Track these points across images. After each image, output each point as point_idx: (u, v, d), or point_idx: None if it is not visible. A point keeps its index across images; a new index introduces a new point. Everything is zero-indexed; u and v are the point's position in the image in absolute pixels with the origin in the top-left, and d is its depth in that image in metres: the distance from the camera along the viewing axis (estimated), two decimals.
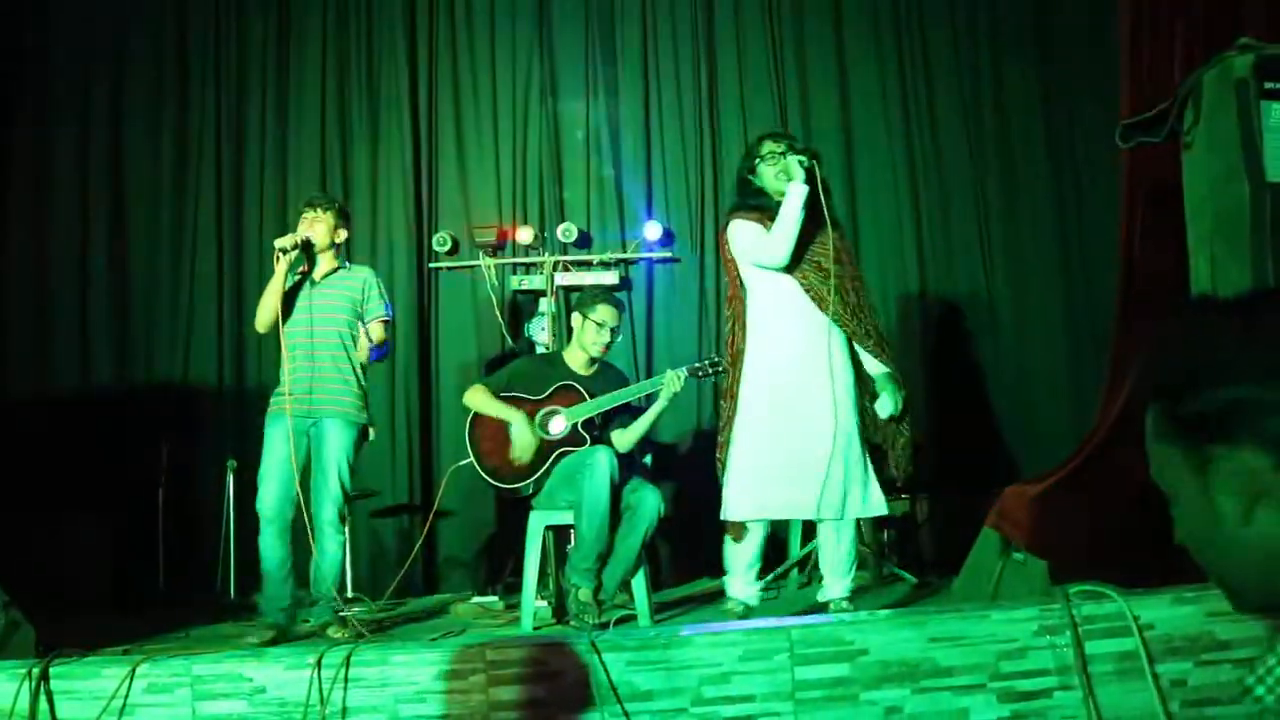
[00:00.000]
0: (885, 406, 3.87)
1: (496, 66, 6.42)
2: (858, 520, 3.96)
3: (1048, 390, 5.95)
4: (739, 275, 3.92)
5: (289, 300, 4.33)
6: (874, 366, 3.92)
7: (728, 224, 3.92)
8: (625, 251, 6.30)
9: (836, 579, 3.93)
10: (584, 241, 6.28)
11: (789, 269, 3.80)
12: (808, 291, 3.81)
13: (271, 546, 4.28)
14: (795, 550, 5.28)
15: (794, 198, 3.79)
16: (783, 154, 3.83)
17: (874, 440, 3.91)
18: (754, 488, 3.82)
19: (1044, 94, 6.13)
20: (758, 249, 3.81)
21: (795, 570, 5.24)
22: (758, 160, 3.92)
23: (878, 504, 3.85)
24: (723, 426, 3.97)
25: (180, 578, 5.65)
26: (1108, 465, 3.31)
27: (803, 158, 3.76)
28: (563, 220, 6.24)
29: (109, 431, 5.94)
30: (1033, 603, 2.72)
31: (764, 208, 3.86)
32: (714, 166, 6.27)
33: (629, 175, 6.36)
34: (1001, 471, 5.47)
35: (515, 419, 4.38)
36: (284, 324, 4.26)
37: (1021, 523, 3.37)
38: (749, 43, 6.33)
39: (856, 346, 3.90)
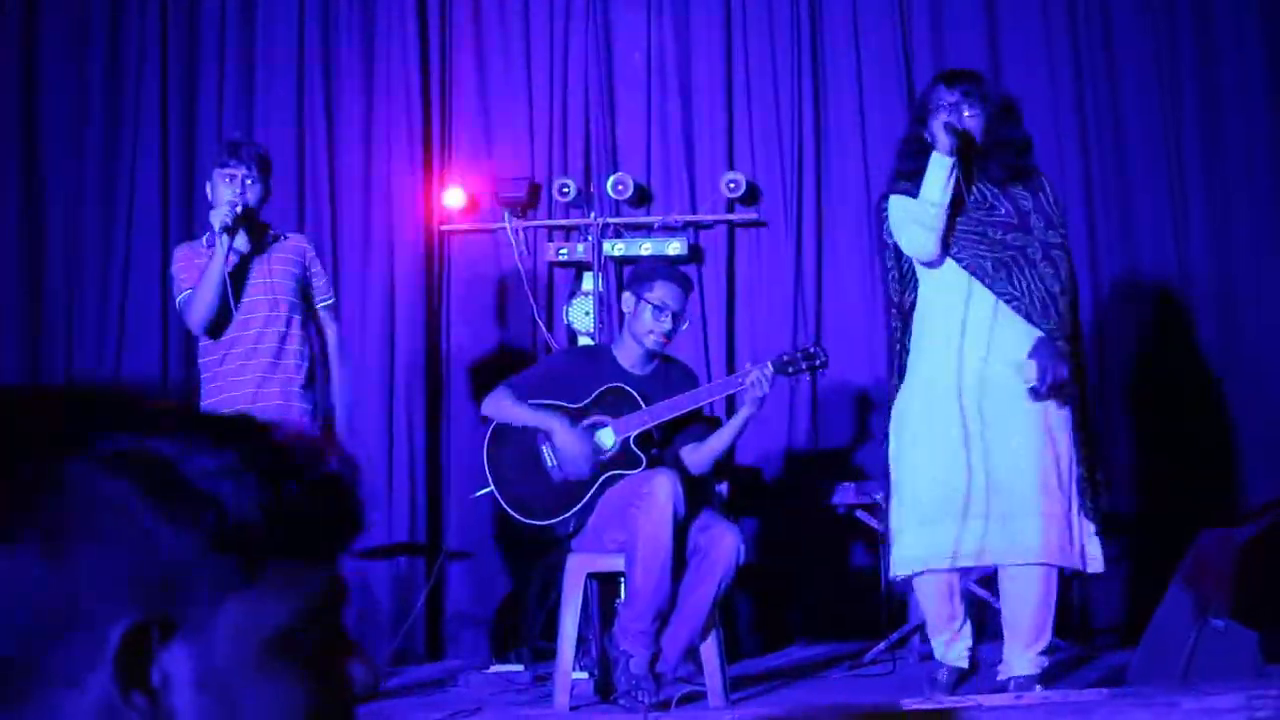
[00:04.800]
0: (1029, 368, 3.97)
1: None
2: (1061, 571, 4.05)
3: (1263, 396, 5.92)
4: (907, 260, 4.16)
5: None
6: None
7: (884, 197, 4.18)
8: (695, 212, 6.31)
9: (1020, 649, 4.01)
10: (641, 199, 6.32)
11: (946, 244, 4.01)
12: (969, 270, 4.01)
13: None
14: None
15: (933, 176, 3.95)
16: (957, 104, 4.00)
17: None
18: (917, 530, 4.01)
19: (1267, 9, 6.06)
20: (902, 235, 4.04)
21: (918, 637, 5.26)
22: (929, 113, 4.07)
23: (1092, 559, 3.99)
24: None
25: None
26: None
27: (950, 123, 3.92)
28: (614, 170, 6.27)
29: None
30: (1238, 686, 2.71)
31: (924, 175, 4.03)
32: (815, 103, 6.28)
33: (701, 112, 6.37)
34: (1195, 505, 5.45)
35: (556, 425, 4.46)
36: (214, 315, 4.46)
37: (1223, 579, 3.38)
38: None
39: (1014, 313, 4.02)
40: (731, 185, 6.16)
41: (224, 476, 0.86)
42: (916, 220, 4.00)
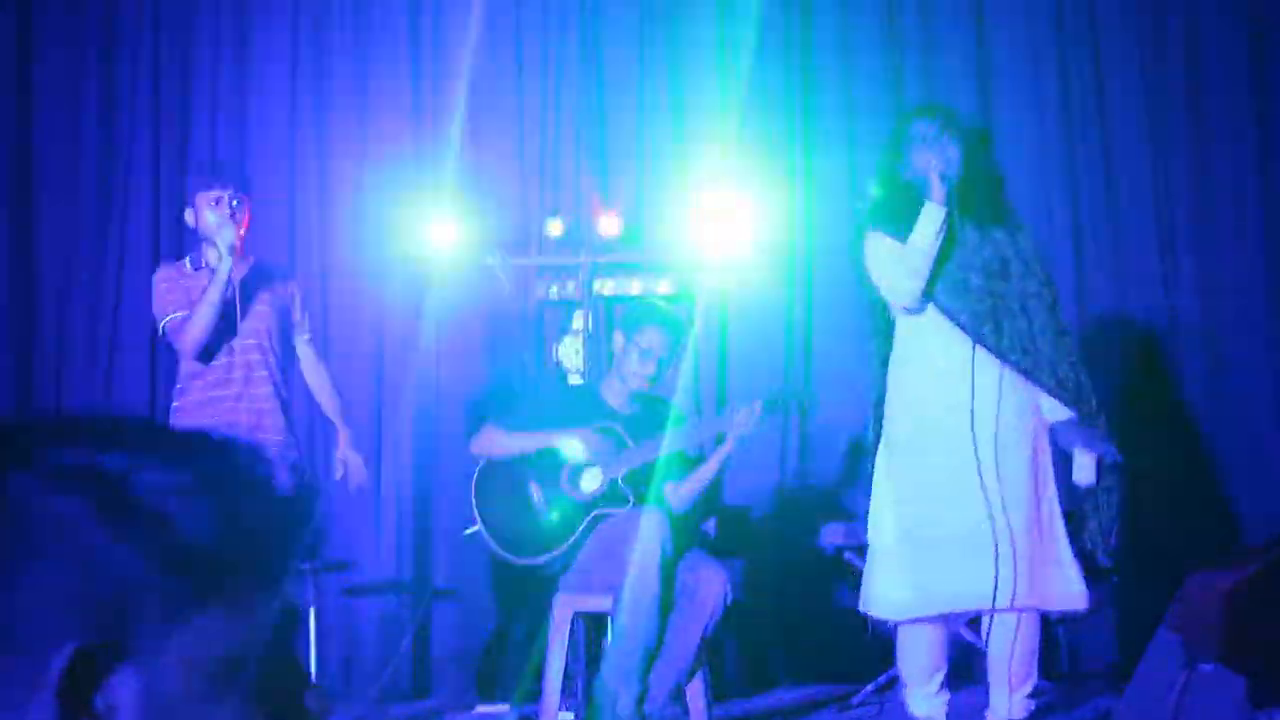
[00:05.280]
0: (1082, 469, 4.02)
1: (521, 10, 6.43)
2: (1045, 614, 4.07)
3: (1251, 438, 5.93)
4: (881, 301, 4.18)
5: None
6: (1058, 412, 4.05)
7: (860, 232, 4.17)
8: (686, 251, 6.18)
9: (1008, 693, 4.00)
10: (632, 238, 6.26)
11: (930, 292, 3.99)
12: (953, 318, 3.98)
13: None
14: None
15: (925, 224, 3.94)
16: (938, 135, 3.97)
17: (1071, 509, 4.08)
18: (909, 574, 3.99)
19: (1253, 48, 6.07)
20: (883, 277, 4.01)
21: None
22: (906, 146, 4.05)
23: (1076, 595, 3.98)
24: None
25: None
26: None
27: (945, 170, 3.90)
28: (605, 208, 6.21)
29: None
30: None
31: (904, 213, 4.03)
32: (803, 138, 6.29)
33: (694, 151, 6.32)
34: (1187, 548, 5.33)
35: (563, 434, 4.51)
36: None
37: (1212, 624, 3.36)
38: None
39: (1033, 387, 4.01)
40: (720, 225, 6.06)
41: (177, 495, 0.82)
42: (903, 265, 3.99)
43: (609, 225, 6.04)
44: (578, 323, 6.03)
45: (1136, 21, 6.13)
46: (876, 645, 5.04)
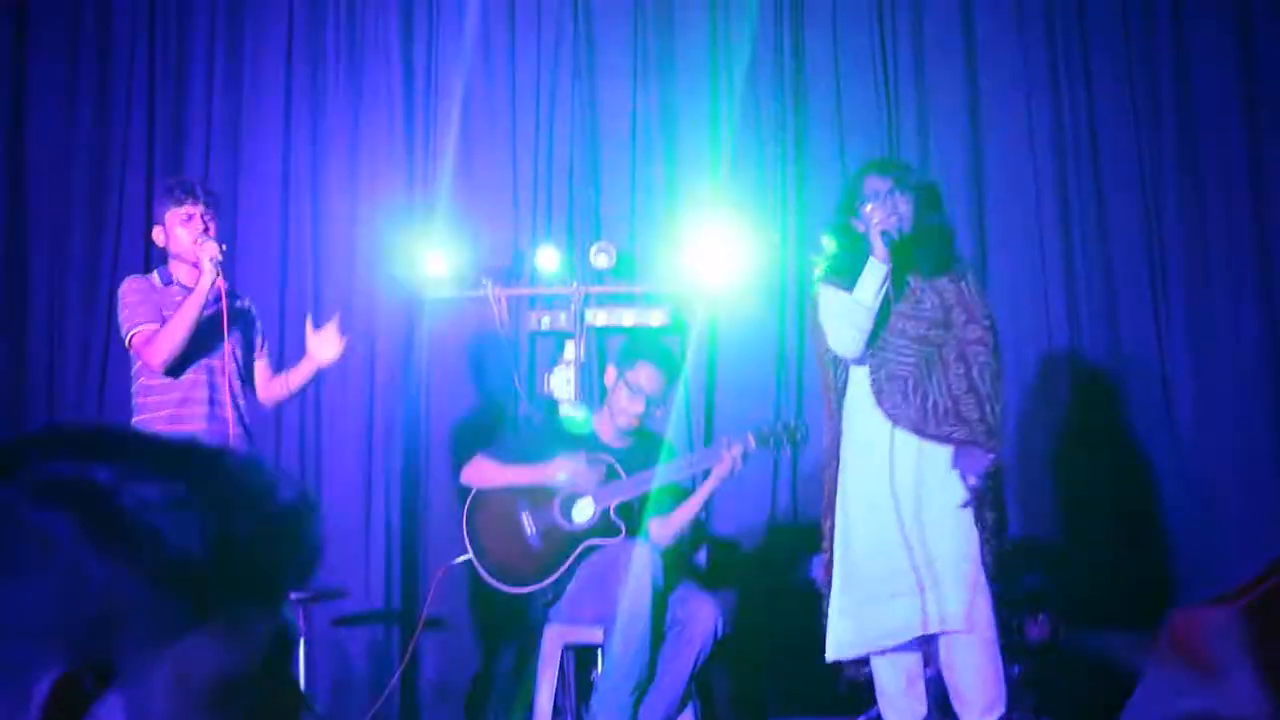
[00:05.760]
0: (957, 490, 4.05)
1: (517, 30, 6.44)
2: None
3: (1238, 492, 5.88)
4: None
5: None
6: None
7: (815, 284, 4.23)
8: (679, 281, 6.20)
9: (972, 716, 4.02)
10: (624, 268, 6.26)
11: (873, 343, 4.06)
12: (871, 384, 4.09)
13: None
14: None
15: (868, 280, 3.98)
16: (889, 192, 4.01)
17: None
18: (849, 618, 4.07)
19: (1248, 101, 6.06)
20: (830, 330, 4.08)
21: None
22: (859, 201, 4.09)
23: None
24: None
25: None
26: None
27: (887, 230, 3.96)
28: (597, 238, 6.20)
29: None
30: None
31: (856, 269, 4.06)
32: (798, 172, 6.28)
33: (686, 180, 6.32)
34: (1161, 599, 5.50)
35: (554, 463, 4.50)
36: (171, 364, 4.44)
37: (1226, 647, 3.34)
38: (847, 25, 6.32)
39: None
40: (715, 255, 6.04)
41: (168, 509, 0.78)
42: (847, 319, 4.04)
43: (602, 255, 5.99)
44: (569, 353, 5.99)
45: (1126, 53, 6.17)
46: (865, 680, 5.06)
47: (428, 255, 6.06)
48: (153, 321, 4.45)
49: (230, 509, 0.81)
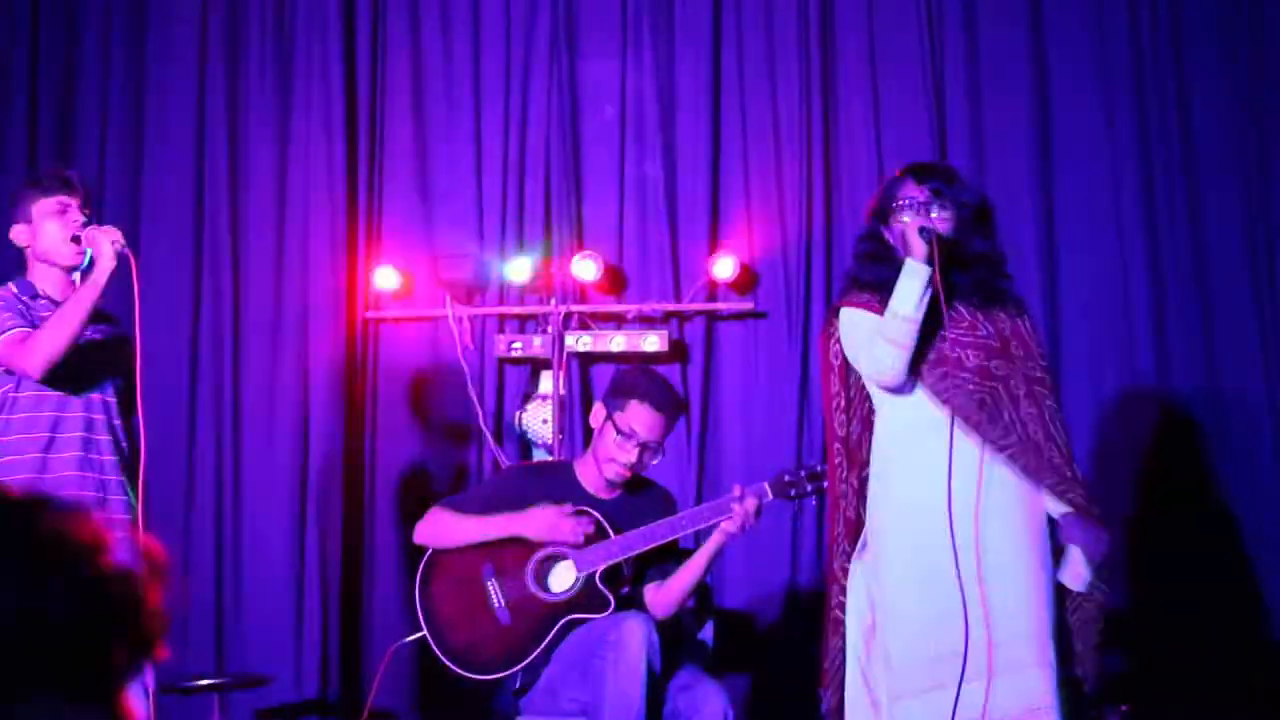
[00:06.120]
0: (1072, 573, 3.86)
1: (480, 4, 6.26)
2: None
3: None
4: (855, 386, 4.02)
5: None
6: (1055, 508, 3.88)
7: (835, 310, 4.04)
8: (678, 300, 6.05)
9: None
10: (613, 284, 6.08)
11: (917, 370, 3.83)
12: (947, 404, 3.82)
13: None
14: None
15: (905, 284, 3.77)
16: (926, 204, 3.82)
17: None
18: (911, 701, 3.79)
19: None
20: (861, 353, 3.88)
21: None
22: (893, 207, 3.90)
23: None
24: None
25: None
26: None
27: (928, 228, 3.78)
28: (580, 248, 6.01)
29: None
30: None
31: (890, 284, 3.85)
32: (825, 168, 5.97)
33: (686, 179, 6.10)
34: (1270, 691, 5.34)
35: (526, 524, 4.29)
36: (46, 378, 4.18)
37: None
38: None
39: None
40: (721, 268, 5.92)
41: None
42: (884, 336, 3.81)
43: (585, 268, 5.86)
44: (546, 385, 5.95)
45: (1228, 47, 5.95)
46: None
47: (374, 268, 6.04)
48: (23, 325, 4.15)
49: (47, 571, 0.81)
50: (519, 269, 5.95)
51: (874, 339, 3.84)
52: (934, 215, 3.85)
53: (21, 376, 4.19)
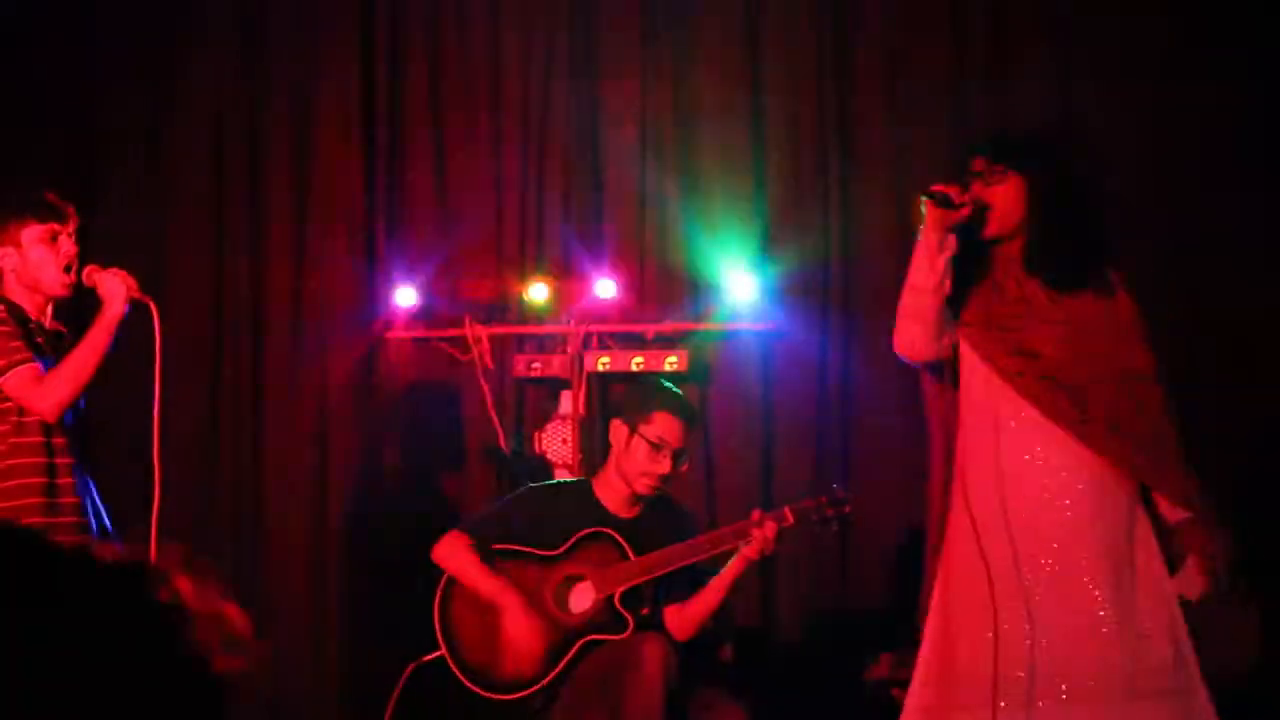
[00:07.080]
0: (1190, 580, 3.68)
1: (500, 20, 6.21)
2: None
3: None
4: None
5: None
6: (1170, 512, 3.70)
7: None
8: (699, 319, 6.04)
9: None
10: (632, 302, 6.07)
11: (988, 351, 3.71)
12: (1024, 392, 3.69)
13: None
14: None
15: (919, 255, 3.66)
16: (987, 175, 3.67)
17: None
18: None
19: None
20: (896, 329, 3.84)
21: None
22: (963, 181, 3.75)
23: None
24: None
25: None
26: None
27: (934, 193, 3.61)
28: (600, 267, 6.03)
29: None
30: None
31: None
32: (842, 188, 5.98)
33: (705, 198, 6.08)
34: None
35: (510, 603, 4.31)
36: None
37: None
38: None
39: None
40: (740, 287, 5.95)
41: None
42: (902, 311, 3.75)
43: (604, 287, 5.92)
44: (565, 405, 5.94)
45: None
46: None
47: (393, 287, 6.03)
48: (33, 357, 4.09)
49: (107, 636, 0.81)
50: (538, 292, 5.97)
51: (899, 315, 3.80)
52: (986, 183, 3.69)
53: (34, 415, 4.16)
